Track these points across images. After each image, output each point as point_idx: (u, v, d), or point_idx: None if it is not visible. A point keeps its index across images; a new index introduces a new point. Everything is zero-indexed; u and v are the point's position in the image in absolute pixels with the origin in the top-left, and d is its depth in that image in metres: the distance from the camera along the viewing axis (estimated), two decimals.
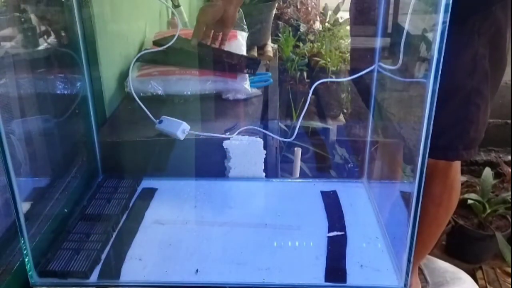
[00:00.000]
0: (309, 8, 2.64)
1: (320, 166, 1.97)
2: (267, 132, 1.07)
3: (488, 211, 1.91)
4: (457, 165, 1.16)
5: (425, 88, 0.64)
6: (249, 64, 1.23)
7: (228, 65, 1.20)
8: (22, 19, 0.85)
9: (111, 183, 1.01)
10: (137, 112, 1.07)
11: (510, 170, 2.09)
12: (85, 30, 0.98)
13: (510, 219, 1.92)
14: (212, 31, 1.23)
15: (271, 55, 1.65)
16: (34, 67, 0.89)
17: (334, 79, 2.16)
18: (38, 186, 0.88)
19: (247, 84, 1.20)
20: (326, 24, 2.57)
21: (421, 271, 1.54)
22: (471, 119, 1.08)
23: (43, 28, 0.92)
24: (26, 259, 0.76)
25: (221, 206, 0.97)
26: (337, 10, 2.59)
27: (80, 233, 0.85)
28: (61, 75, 0.97)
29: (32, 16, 0.89)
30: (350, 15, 1.52)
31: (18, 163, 0.79)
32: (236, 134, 1.02)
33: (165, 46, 1.19)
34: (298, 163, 1.46)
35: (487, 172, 2.01)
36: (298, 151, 1.45)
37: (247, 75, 1.22)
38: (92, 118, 1.03)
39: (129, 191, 0.98)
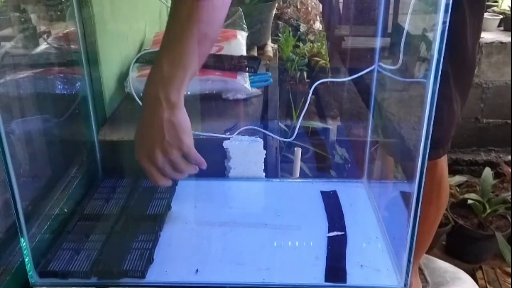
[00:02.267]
0: (309, 8, 2.64)
1: (320, 166, 1.97)
2: (267, 132, 1.07)
3: (488, 211, 1.91)
4: (443, 162, 1.17)
5: (425, 88, 0.64)
6: (250, 63, 1.24)
7: (229, 67, 1.21)
8: (22, 19, 0.85)
9: (111, 183, 1.01)
10: (137, 112, 1.06)
11: (510, 170, 2.09)
12: (85, 30, 0.98)
13: (510, 219, 1.92)
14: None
15: (271, 55, 1.65)
16: (34, 67, 0.89)
17: (334, 79, 2.16)
18: (38, 186, 0.88)
19: (247, 84, 1.20)
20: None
21: (421, 271, 1.54)
22: (435, 120, 1.09)
23: (43, 28, 0.92)
24: (26, 259, 0.76)
25: (221, 206, 0.96)
26: None
27: (79, 233, 0.85)
28: (61, 75, 0.97)
29: (32, 16, 0.89)
30: (323, 17, 1.52)
31: (18, 163, 0.79)
32: (236, 134, 1.02)
33: None
34: (298, 163, 1.46)
35: (487, 172, 2.01)
36: (298, 151, 1.46)
37: (247, 74, 1.22)
38: (92, 118, 1.03)
39: (128, 191, 0.98)
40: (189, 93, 1.18)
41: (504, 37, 2.38)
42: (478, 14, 1.09)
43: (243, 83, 1.20)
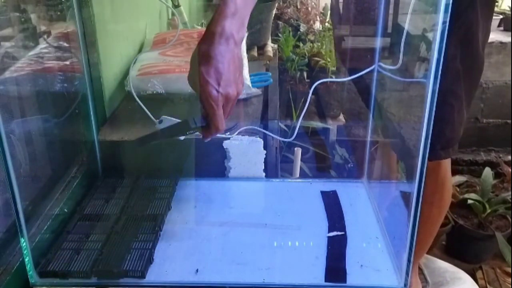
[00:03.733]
0: (309, 8, 2.64)
1: (320, 166, 1.97)
2: (267, 132, 1.07)
3: (488, 211, 1.91)
4: (446, 164, 1.17)
5: (425, 88, 0.64)
6: None
7: None
8: (22, 19, 0.85)
9: (111, 183, 1.01)
10: (137, 112, 1.07)
11: (510, 170, 2.08)
12: (85, 30, 0.98)
13: (510, 219, 1.91)
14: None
15: (271, 55, 1.65)
16: (34, 67, 0.89)
17: (334, 79, 2.16)
18: (38, 186, 0.88)
19: (247, 81, 1.20)
20: (326, 24, 2.57)
21: (421, 271, 1.54)
22: (446, 120, 1.09)
23: (43, 28, 0.92)
24: (26, 259, 0.76)
25: (221, 206, 0.97)
26: None
27: (79, 233, 0.85)
28: (61, 75, 0.97)
29: (32, 16, 0.89)
30: (331, 17, 1.52)
31: (18, 163, 0.79)
32: (236, 134, 1.02)
33: (166, 45, 1.20)
34: (298, 163, 1.46)
35: (487, 172, 2.01)
36: (298, 151, 1.46)
37: (247, 72, 1.22)
38: (92, 118, 1.03)
39: (128, 191, 0.98)
40: (189, 91, 1.18)
41: (504, 37, 2.38)
42: (488, 15, 1.09)
43: (244, 80, 1.19)
